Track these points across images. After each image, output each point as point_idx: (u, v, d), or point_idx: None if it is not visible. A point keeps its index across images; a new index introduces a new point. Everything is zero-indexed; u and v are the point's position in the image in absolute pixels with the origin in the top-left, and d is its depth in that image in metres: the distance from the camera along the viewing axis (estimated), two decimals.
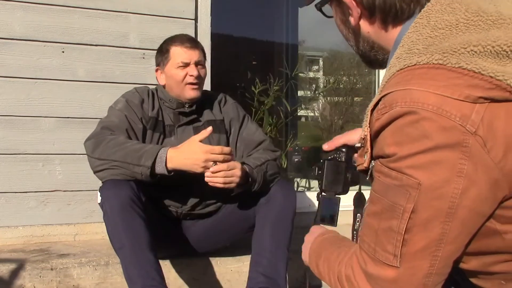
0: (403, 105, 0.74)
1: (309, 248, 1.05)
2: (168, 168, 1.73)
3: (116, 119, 1.89)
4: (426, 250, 0.74)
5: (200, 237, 2.04)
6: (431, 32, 0.78)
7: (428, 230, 0.74)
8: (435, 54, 0.74)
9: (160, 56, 1.99)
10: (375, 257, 0.79)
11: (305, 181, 4.50)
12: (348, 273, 0.84)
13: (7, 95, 2.30)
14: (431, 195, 0.73)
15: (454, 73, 0.72)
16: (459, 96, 0.71)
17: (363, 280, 0.80)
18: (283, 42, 4.67)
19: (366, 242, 0.81)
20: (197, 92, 1.96)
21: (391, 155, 0.76)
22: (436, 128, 0.71)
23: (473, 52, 0.72)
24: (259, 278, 1.78)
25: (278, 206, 1.87)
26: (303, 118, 20.45)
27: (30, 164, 2.34)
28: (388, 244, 0.76)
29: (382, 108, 0.78)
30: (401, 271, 0.76)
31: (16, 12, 2.31)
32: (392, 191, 0.76)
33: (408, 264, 0.75)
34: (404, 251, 0.75)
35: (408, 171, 0.73)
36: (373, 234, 0.79)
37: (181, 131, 1.99)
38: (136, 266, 1.65)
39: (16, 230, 2.32)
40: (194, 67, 1.94)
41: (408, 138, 0.73)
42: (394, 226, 0.76)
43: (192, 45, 1.96)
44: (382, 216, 0.78)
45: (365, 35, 0.94)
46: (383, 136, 0.78)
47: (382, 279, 0.78)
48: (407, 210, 0.74)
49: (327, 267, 0.92)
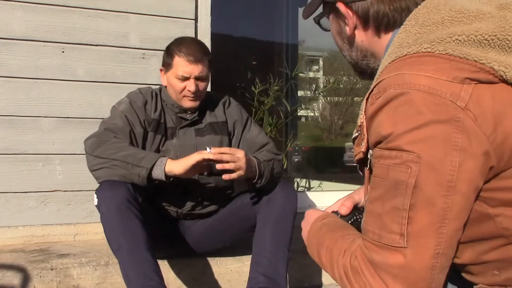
0: (396, 87, 0.79)
1: (307, 232, 1.04)
2: (166, 171, 1.72)
3: (120, 122, 1.89)
4: (431, 226, 0.76)
5: (200, 237, 2.04)
6: (419, 29, 0.84)
7: (431, 205, 0.76)
8: (424, 44, 0.80)
9: (166, 58, 1.97)
10: (380, 243, 0.79)
11: (305, 181, 4.50)
12: (354, 264, 0.83)
13: (7, 95, 2.30)
14: (430, 168, 0.75)
15: (441, 59, 0.78)
16: (447, 78, 0.76)
17: (369, 270, 0.80)
18: (283, 42, 4.67)
19: (370, 231, 0.81)
20: (194, 103, 1.96)
21: (388, 136, 0.79)
22: (429, 105, 0.76)
23: (457, 41, 0.78)
24: (259, 278, 1.79)
25: (279, 207, 1.87)
26: (303, 118, 20.47)
27: (30, 164, 2.34)
28: (394, 224, 0.77)
29: (376, 93, 0.82)
30: (408, 253, 0.76)
31: (16, 12, 2.31)
32: (393, 171, 0.78)
33: (415, 242, 0.76)
34: (410, 229, 0.76)
35: (407, 147, 0.76)
36: (377, 220, 0.80)
37: (183, 133, 1.99)
38: (134, 267, 1.65)
39: (16, 230, 2.32)
40: (193, 82, 1.91)
41: (403, 117, 0.77)
42: (398, 204, 0.77)
43: (196, 59, 1.90)
44: (385, 197, 0.79)
45: (358, 44, 0.99)
46: (378, 120, 0.81)
47: (390, 265, 0.77)
48: (409, 186, 0.76)
49: (329, 258, 0.91)
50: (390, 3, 0.92)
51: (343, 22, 0.98)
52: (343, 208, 1.14)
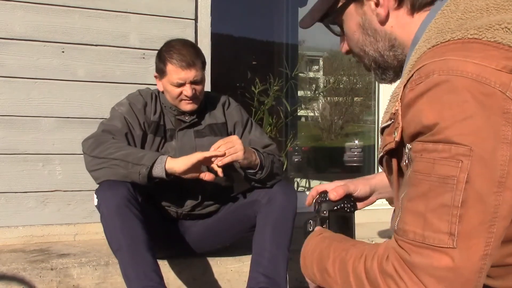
0: (441, 73, 0.73)
1: (303, 248, 0.98)
2: (167, 168, 1.72)
3: (118, 123, 1.89)
4: (483, 225, 0.71)
5: (200, 237, 2.04)
6: (461, 15, 0.79)
7: (483, 202, 0.71)
8: (470, 30, 0.75)
9: (158, 65, 1.96)
10: (424, 243, 0.72)
11: (305, 181, 4.50)
12: (385, 268, 0.76)
13: (7, 95, 2.30)
14: (483, 162, 0.71)
15: (489, 46, 0.73)
16: (496, 66, 0.71)
17: (407, 272, 0.73)
18: (283, 42, 4.67)
19: (410, 231, 0.74)
20: (193, 106, 1.95)
21: (432, 127, 0.73)
22: (477, 94, 0.71)
23: (506, 29, 0.74)
24: (259, 278, 1.79)
25: (279, 207, 1.87)
26: (303, 118, 20.46)
27: (30, 164, 2.34)
28: (442, 223, 0.72)
29: (417, 78, 0.76)
30: (457, 254, 0.71)
31: (16, 12, 2.31)
32: (440, 165, 0.73)
33: (466, 243, 0.71)
34: (460, 228, 0.71)
35: (457, 139, 0.71)
36: (420, 219, 0.74)
37: (182, 134, 1.99)
38: (134, 267, 1.65)
39: (16, 230, 2.32)
40: (189, 86, 1.90)
41: (449, 106, 0.72)
42: (448, 201, 0.72)
43: (189, 64, 1.87)
44: (430, 195, 0.74)
45: (387, 31, 0.93)
46: (418, 108, 0.75)
47: (435, 267, 0.71)
48: (461, 181, 0.71)
49: (341, 267, 0.84)
50: None
51: (370, 9, 0.92)
52: (334, 194, 1.09)
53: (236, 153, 1.77)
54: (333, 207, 1.04)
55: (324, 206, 1.04)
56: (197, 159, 1.73)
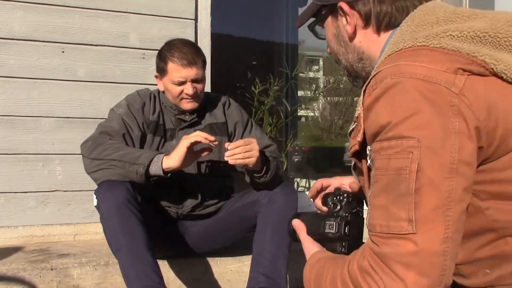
0: (393, 77, 0.81)
1: (304, 268, 1.00)
2: (164, 166, 1.72)
3: (116, 125, 1.89)
4: (438, 209, 0.76)
5: (200, 238, 2.04)
6: (415, 28, 0.88)
7: (435, 188, 0.76)
8: (419, 38, 0.84)
9: (159, 64, 1.96)
10: (389, 233, 0.78)
11: (305, 181, 4.51)
12: (362, 264, 0.81)
13: (7, 95, 2.30)
14: (431, 152, 0.77)
15: (436, 52, 0.82)
16: (441, 68, 0.79)
17: (379, 264, 0.78)
18: (283, 42, 4.67)
19: (377, 224, 0.80)
20: (194, 104, 1.96)
21: (386, 125, 0.80)
22: (425, 92, 0.78)
23: (451, 36, 0.83)
24: (259, 278, 1.79)
25: (279, 207, 1.87)
26: (303, 118, 20.44)
27: (30, 164, 2.34)
28: (401, 211, 0.77)
29: (374, 84, 0.84)
30: (418, 239, 0.75)
31: (16, 12, 2.31)
32: (394, 159, 0.79)
33: (424, 227, 0.75)
34: (417, 214, 0.76)
35: (406, 133, 0.78)
36: (383, 211, 0.80)
37: (182, 134, 1.99)
38: (134, 266, 1.65)
39: (16, 230, 2.32)
40: (190, 84, 1.90)
41: (400, 105, 0.79)
42: (404, 190, 0.77)
43: (190, 62, 1.88)
44: (388, 188, 0.80)
45: (356, 45, 1.02)
46: (376, 110, 0.83)
47: (401, 254, 0.76)
48: (413, 170, 0.77)
49: (331, 281, 0.87)
50: (392, 2, 0.95)
51: (342, 24, 1.01)
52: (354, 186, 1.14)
53: (250, 158, 1.77)
54: (352, 209, 1.03)
55: (346, 208, 1.02)
56: (185, 147, 1.71)
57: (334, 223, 1.01)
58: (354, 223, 1.00)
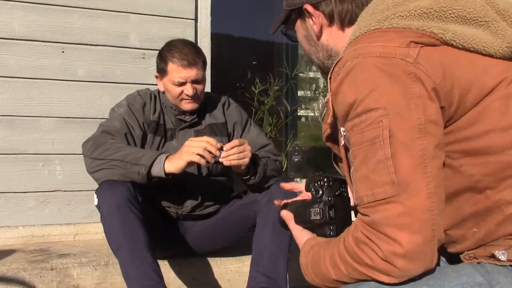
0: (353, 60, 0.88)
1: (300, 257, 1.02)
2: (166, 170, 1.72)
3: (117, 124, 1.89)
4: (416, 168, 0.81)
5: (200, 238, 2.03)
6: (369, 17, 0.95)
7: (409, 148, 0.82)
8: (373, 23, 0.92)
9: (160, 64, 1.96)
10: (376, 201, 0.82)
11: (305, 181, 4.49)
12: (357, 236, 0.84)
13: (7, 95, 2.30)
14: (399, 117, 0.83)
15: (389, 31, 0.89)
16: (395, 44, 0.87)
17: (373, 232, 0.81)
18: (283, 42, 4.66)
19: (363, 196, 0.84)
20: (193, 105, 1.95)
21: (354, 103, 0.86)
22: (383, 66, 0.85)
23: (401, 16, 0.90)
24: (259, 278, 1.78)
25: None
26: (303, 118, 20.41)
27: (30, 164, 2.34)
28: (383, 176, 0.82)
29: (337, 70, 0.92)
30: (403, 199, 0.79)
31: (16, 12, 2.31)
32: (367, 132, 0.84)
33: (407, 186, 0.80)
34: (398, 175, 0.81)
35: (373, 105, 0.84)
36: (366, 182, 0.84)
37: (182, 134, 1.99)
38: (134, 266, 1.65)
39: (16, 230, 2.32)
40: (190, 85, 1.90)
41: (363, 82, 0.86)
42: (381, 157, 0.82)
43: (190, 63, 1.88)
44: (366, 159, 0.84)
45: (324, 43, 1.09)
46: (342, 92, 0.89)
47: (390, 217, 0.80)
48: (385, 136, 0.82)
49: (331, 257, 0.90)
50: (352, 0, 1.04)
51: (310, 24, 1.09)
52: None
53: (244, 159, 1.78)
54: (335, 192, 1.03)
55: (328, 192, 1.02)
56: (186, 162, 1.70)
57: (318, 209, 1.02)
58: (338, 205, 1.01)
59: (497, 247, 0.89)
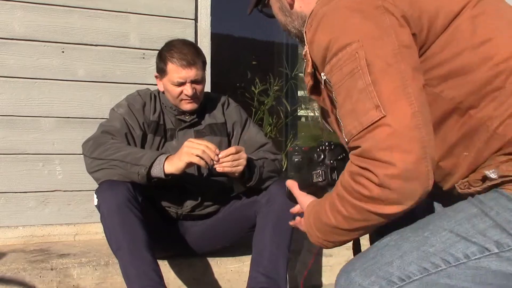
0: (323, 8, 0.94)
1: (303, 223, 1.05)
2: (165, 171, 1.72)
3: (117, 124, 1.89)
4: (397, 89, 0.84)
5: (200, 238, 2.04)
6: None
7: (388, 73, 0.85)
8: None
9: (159, 65, 1.96)
10: (363, 129, 0.84)
11: None
12: (352, 170, 0.86)
13: (7, 95, 2.30)
14: (373, 46, 0.86)
15: None
16: None
17: (366, 161, 0.83)
18: (283, 42, 4.66)
19: (352, 128, 0.86)
20: (193, 105, 1.95)
21: (328, 44, 0.90)
22: (352, 5, 0.90)
23: None
24: (259, 278, 1.79)
25: (279, 207, 1.86)
26: (303, 118, 20.42)
27: (30, 164, 2.34)
28: (366, 103, 0.84)
29: (311, 21, 0.96)
30: (389, 120, 0.82)
31: (16, 12, 2.31)
32: (345, 67, 0.88)
33: (391, 108, 0.82)
34: (381, 99, 0.83)
35: (347, 40, 0.88)
36: (352, 114, 0.87)
37: (182, 134, 1.99)
38: (134, 266, 1.65)
39: (16, 230, 2.32)
40: (190, 85, 1.90)
41: (334, 23, 0.91)
42: (362, 85, 0.85)
43: (189, 63, 1.88)
44: (349, 92, 0.87)
45: (298, 11, 1.13)
46: (317, 40, 0.94)
47: (380, 140, 0.81)
48: (363, 66, 0.85)
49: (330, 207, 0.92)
50: None
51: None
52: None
53: (238, 166, 1.78)
54: (337, 156, 1.06)
55: (330, 156, 1.05)
56: (186, 163, 1.71)
57: (320, 171, 1.05)
58: (341, 168, 1.03)
59: (488, 167, 0.92)
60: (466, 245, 0.89)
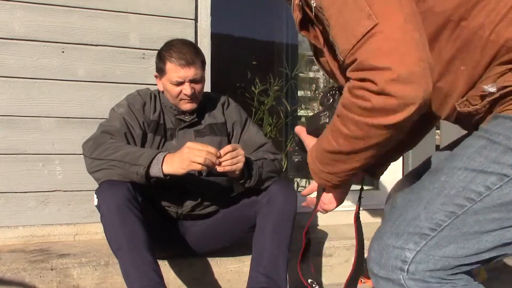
0: None
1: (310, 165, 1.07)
2: (164, 171, 1.72)
3: (117, 124, 1.89)
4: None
5: (200, 238, 2.04)
6: None
7: None
8: None
9: (158, 64, 1.97)
10: (359, 40, 0.83)
11: (305, 181, 4.49)
12: (350, 86, 0.86)
13: (7, 95, 2.30)
14: None
15: None
16: None
17: (365, 72, 0.82)
18: (283, 42, 4.66)
19: (346, 44, 0.85)
20: (192, 105, 1.96)
21: None
22: None
23: None
24: (259, 278, 1.79)
25: (279, 207, 1.87)
26: (303, 118, 20.39)
27: (30, 164, 2.34)
28: (359, 14, 0.84)
29: None
30: (382, 27, 0.81)
31: (16, 12, 2.31)
32: None
33: (382, 15, 0.82)
34: (373, 9, 0.83)
35: None
36: (346, 29, 0.86)
37: (182, 134, 1.99)
38: (134, 266, 1.65)
39: (16, 230, 2.32)
40: (189, 85, 1.90)
41: None
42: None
43: (188, 62, 1.88)
44: (341, 10, 0.86)
45: None
46: None
47: (374, 49, 0.82)
48: None
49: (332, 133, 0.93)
50: None
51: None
52: None
53: (237, 164, 1.78)
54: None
55: (339, 100, 1.06)
56: (192, 169, 1.71)
57: (327, 112, 1.06)
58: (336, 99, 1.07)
59: (486, 81, 0.92)
60: (484, 177, 0.89)
